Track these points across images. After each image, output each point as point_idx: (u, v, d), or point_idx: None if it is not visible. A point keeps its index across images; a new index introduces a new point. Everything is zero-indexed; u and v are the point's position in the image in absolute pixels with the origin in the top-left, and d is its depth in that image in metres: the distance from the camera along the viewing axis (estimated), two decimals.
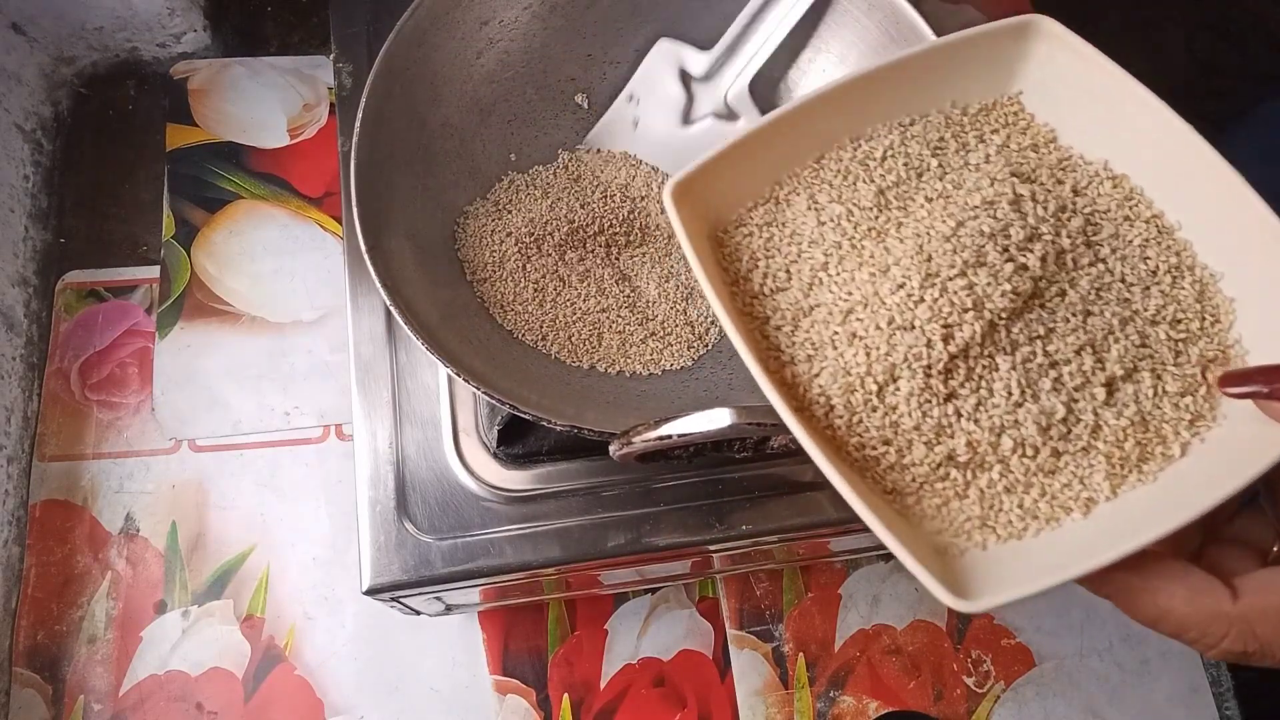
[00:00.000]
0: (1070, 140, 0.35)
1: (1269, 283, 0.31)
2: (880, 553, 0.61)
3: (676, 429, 0.34)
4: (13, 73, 0.67)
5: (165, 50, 0.72)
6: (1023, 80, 0.35)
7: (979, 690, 0.60)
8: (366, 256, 0.41)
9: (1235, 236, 0.31)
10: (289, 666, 0.59)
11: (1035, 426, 0.30)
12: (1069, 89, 0.34)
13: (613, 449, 0.37)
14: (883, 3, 0.46)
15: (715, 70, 0.50)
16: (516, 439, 0.48)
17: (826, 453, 0.29)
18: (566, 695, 0.59)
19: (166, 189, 0.69)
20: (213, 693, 0.58)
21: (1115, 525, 0.29)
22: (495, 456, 0.48)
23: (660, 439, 0.35)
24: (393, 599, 0.49)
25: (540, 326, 0.48)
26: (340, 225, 0.68)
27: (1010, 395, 0.30)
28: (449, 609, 0.55)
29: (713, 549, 0.49)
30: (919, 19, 0.44)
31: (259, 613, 0.60)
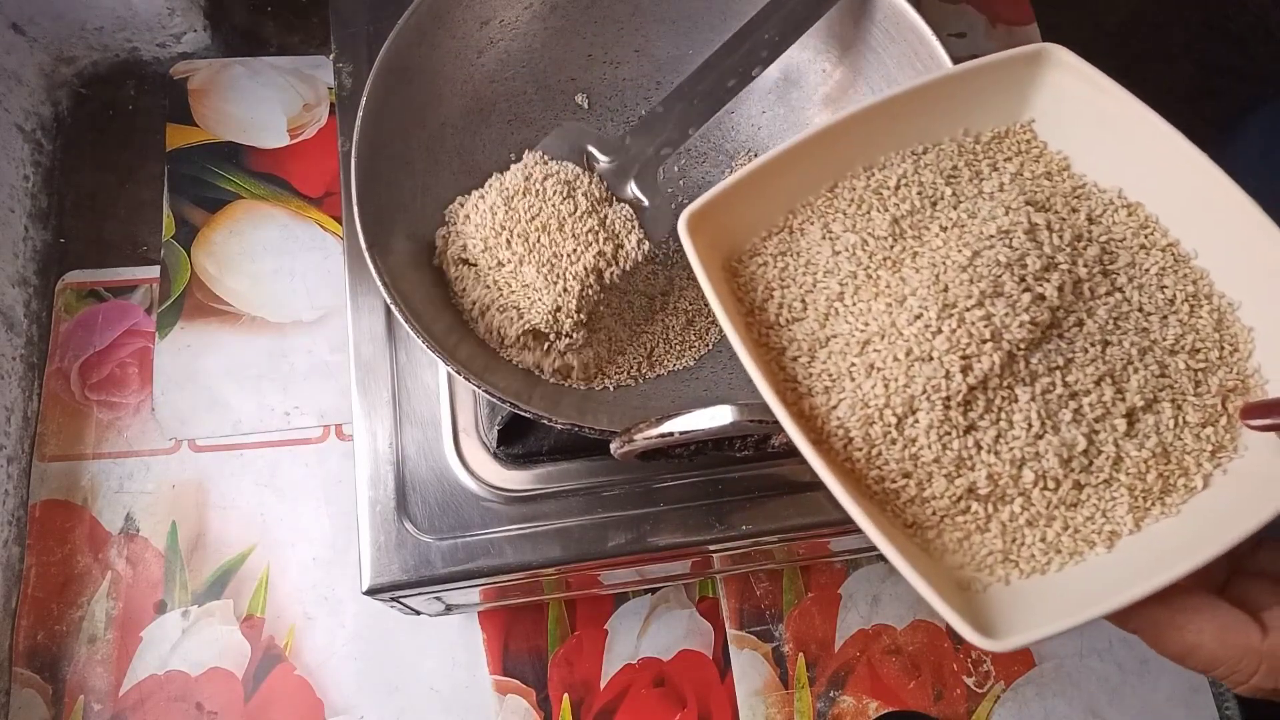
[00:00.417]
0: (1083, 168, 0.35)
1: None
2: (880, 552, 0.61)
3: (678, 426, 0.34)
4: (13, 73, 0.67)
5: (165, 50, 0.72)
6: (1035, 109, 0.35)
7: (979, 690, 0.60)
8: (367, 256, 0.41)
9: (1252, 264, 0.31)
10: (289, 666, 0.59)
11: (1056, 458, 0.30)
12: (1081, 117, 0.34)
13: (614, 446, 0.37)
14: (883, 3, 0.46)
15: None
16: (516, 439, 0.48)
17: (846, 486, 0.29)
18: (566, 695, 0.59)
19: (166, 189, 0.69)
20: (213, 693, 0.58)
21: (1140, 559, 0.29)
22: (495, 456, 0.48)
23: (662, 436, 0.35)
24: (393, 599, 0.48)
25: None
26: (340, 225, 0.68)
27: (1030, 427, 0.30)
28: (449, 609, 0.55)
29: (713, 549, 0.49)
30: (919, 19, 0.44)
31: (259, 613, 0.60)
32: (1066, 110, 0.35)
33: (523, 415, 0.40)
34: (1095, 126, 0.34)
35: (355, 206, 0.42)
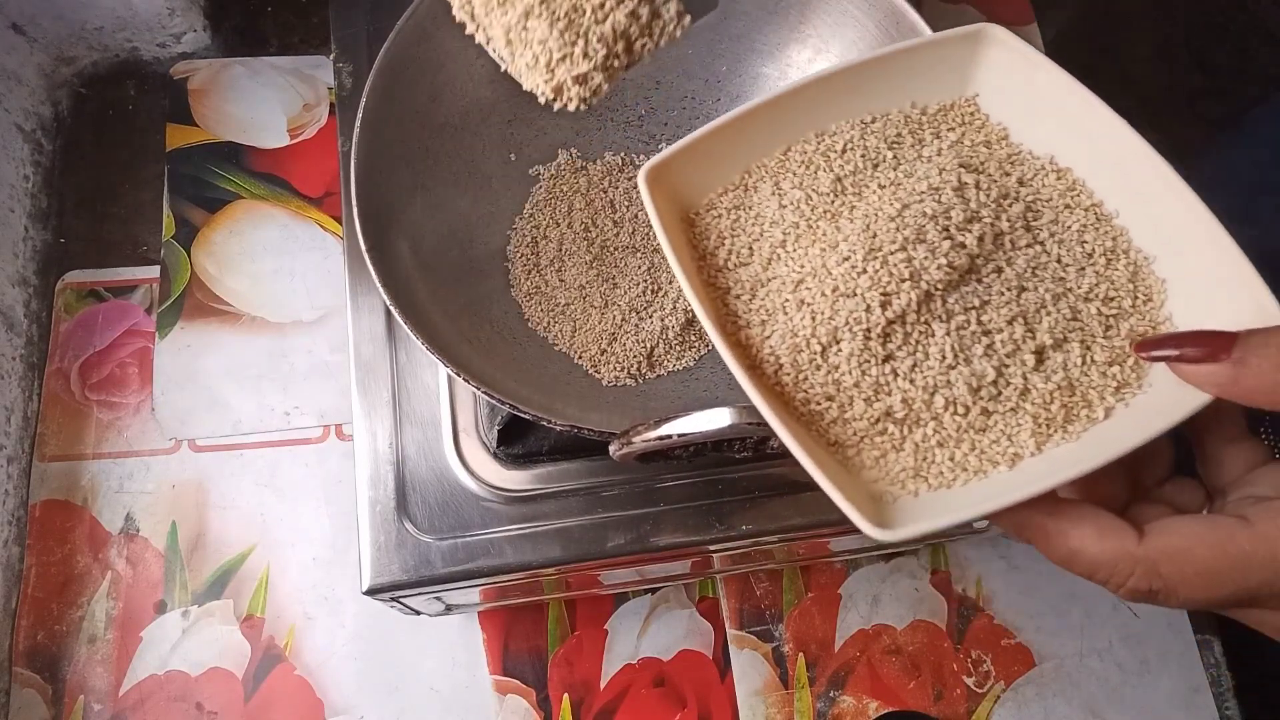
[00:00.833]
0: (1021, 138, 0.38)
1: (1199, 264, 0.33)
2: (880, 552, 0.61)
3: (677, 429, 0.35)
4: (13, 73, 0.67)
5: (165, 50, 0.72)
6: (978, 84, 0.38)
7: (979, 690, 0.60)
8: (366, 256, 0.41)
9: (1167, 222, 0.34)
10: (289, 666, 0.59)
11: (966, 387, 0.32)
12: (1019, 91, 0.37)
13: (613, 449, 0.37)
14: (883, 4, 0.46)
15: None
16: (516, 439, 0.48)
17: (774, 406, 0.32)
18: (566, 695, 0.59)
19: (166, 189, 0.69)
20: (213, 693, 0.58)
21: (1035, 474, 0.31)
22: (495, 456, 0.48)
23: (661, 439, 0.35)
24: (393, 599, 0.49)
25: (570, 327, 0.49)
26: (340, 225, 0.68)
27: (944, 358, 0.33)
28: (449, 609, 0.55)
29: (713, 549, 0.49)
30: (919, 20, 0.44)
31: (259, 613, 0.60)
32: (1006, 85, 0.37)
33: (522, 416, 0.40)
34: (1031, 100, 0.37)
35: (355, 207, 0.42)
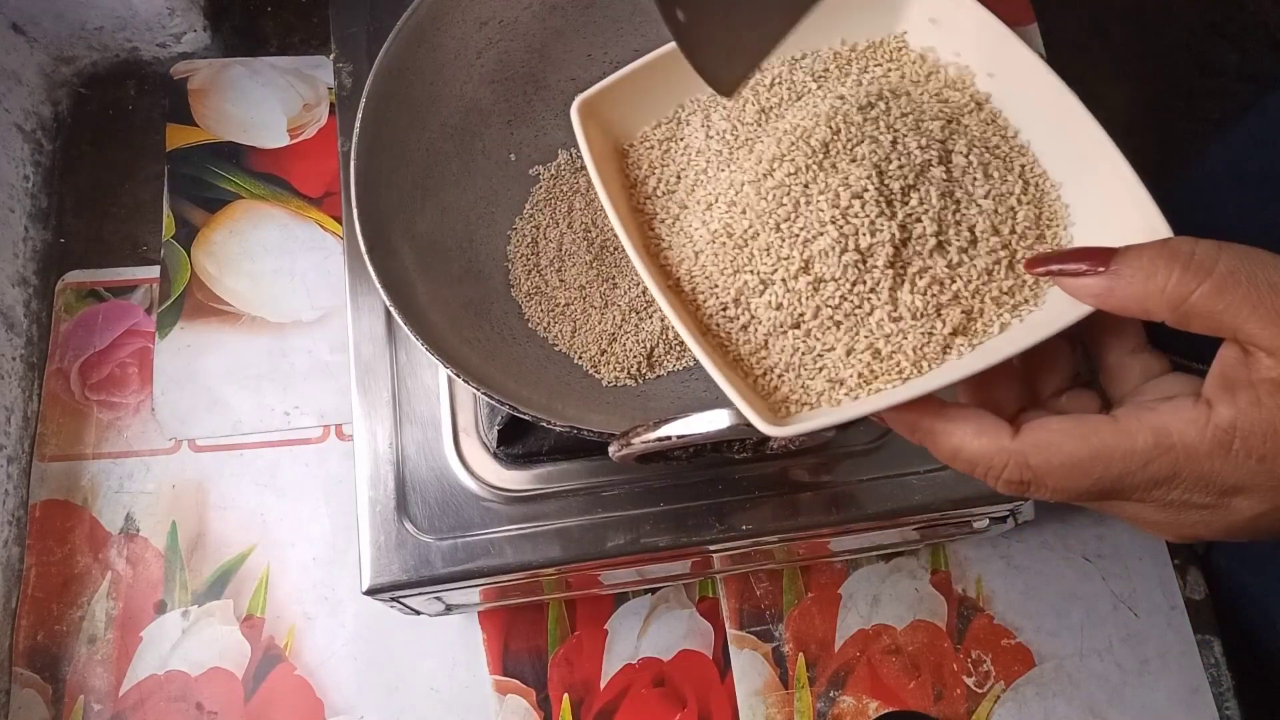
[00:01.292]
0: (944, 73, 0.39)
1: (1100, 190, 0.34)
2: (880, 552, 0.61)
3: (676, 430, 0.35)
4: (13, 73, 0.67)
5: (165, 50, 0.72)
6: (906, 22, 0.39)
7: (979, 690, 0.60)
8: (366, 257, 0.41)
9: (1074, 151, 0.35)
10: (289, 666, 0.59)
11: (864, 305, 0.34)
12: (945, 28, 0.39)
13: (612, 450, 0.37)
14: None
15: None
16: (516, 439, 0.48)
17: (686, 321, 0.34)
18: (566, 695, 0.59)
19: (166, 189, 0.69)
20: (213, 693, 0.58)
21: (930, 383, 0.32)
22: (495, 456, 0.48)
23: (660, 440, 0.35)
24: (393, 599, 0.49)
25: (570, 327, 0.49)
26: (340, 225, 0.68)
27: (844, 276, 0.34)
28: (449, 609, 0.55)
29: (713, 549, 0.49)
30: None
31: (259, 613, 0.60)
32: (933, 22, 0.39)
33: (522, 416, 0.40)
34: (955, 36, 0.38)
35: (355, 207, 0.42)
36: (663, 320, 0.49)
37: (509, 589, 0.53)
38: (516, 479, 0.48)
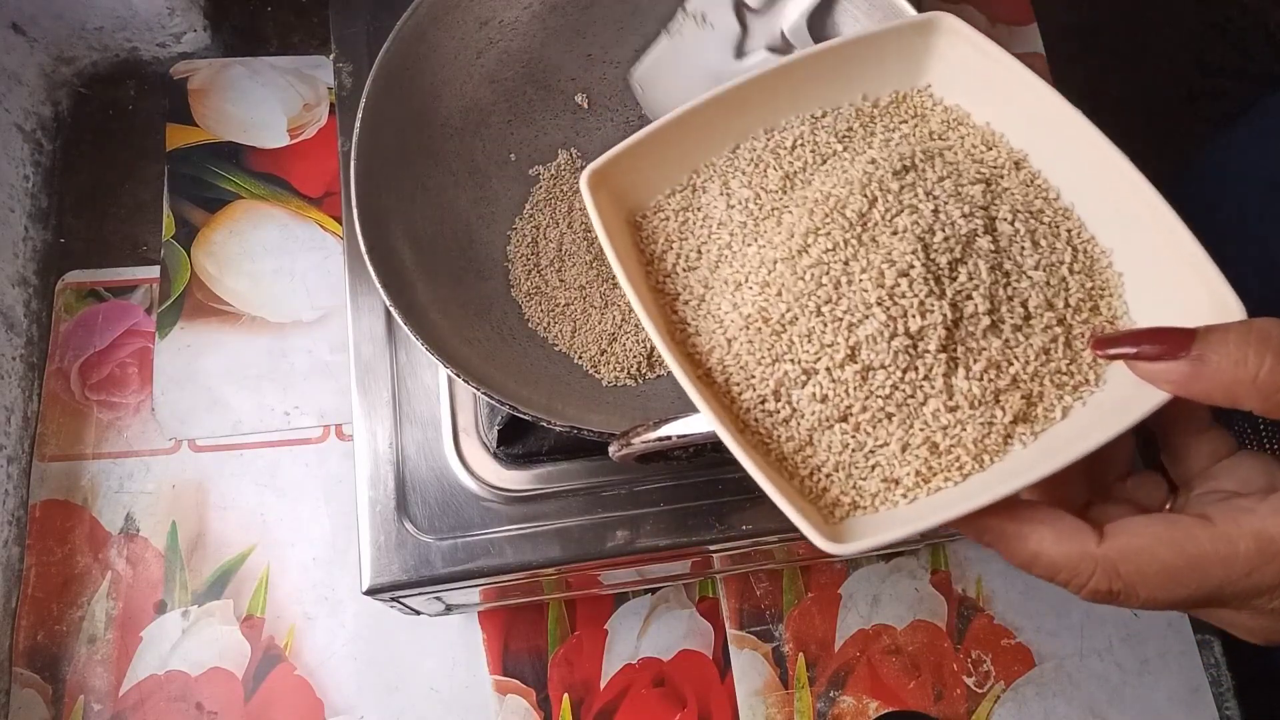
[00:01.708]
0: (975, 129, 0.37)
1: (1155, 257, 0.32)
2: (880, 552, 0.61)
3: (676, 430, 0.34)
4: (13, 73, 0.67)
5: (165, 50, 0.72)
6: (930, 74, 0.37)
7: (979, 690, 0.60)
8: (366, 256, 0.41)
9: (1124, 214, 0.33)
10: (289, 666, 0.59)
11: (919, 392, 0.31)
12: (973, 81, 0.36)
13: (612, 450, 0.37)
14: (883, 4, 0.46)
15: (771, 2, 0.48)
16: (516, 439, 0.48)
17: (723, 418, 0.31)
18: (566, 695, 0.59)
19: (166, 189, 0.69)
20: (213, 693, 0.58)
21: (993, 480, 0.30)
22: (495, 456, 0.48)
23: (660, 440, 0.35)
24: (393, 599, 0.49)
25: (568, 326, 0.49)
26: (340, 225, 0.68)
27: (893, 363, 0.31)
28: (449, 609, 0.55)
29: (713, 549, 0.49)
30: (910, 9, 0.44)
31: (259, 613, 0.60)
32: (959, 75, 0.36)
33: (522, 416, 0.40)
34: (985, 90, 0.36)
35: (355, 207, 0.42)
36: None
37: (509, 589, 0.53)
38: (516, 479, 0.48)
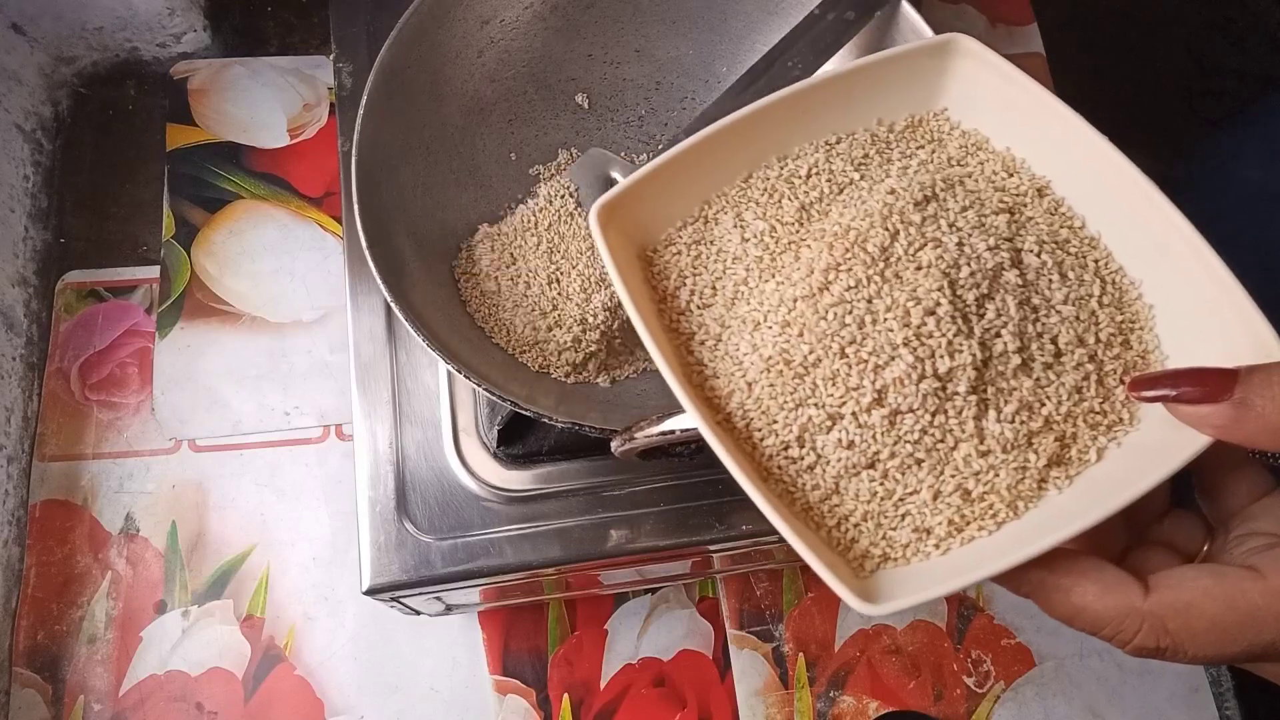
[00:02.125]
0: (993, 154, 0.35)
1: (1187, 290, 0.30)
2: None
3: (679, 424, 0.34)
4: (13, 73, 0.67)
5: (165, 50, 0.72)
6: (947, 97, 0.36)
7: (979, 690, 0.60)
8: (368, 253, 0.41)
9: (1153, 245, 0.31)
10: (289, 666, 0.59)
11: (947, 435, 0.30)
12: (991, 105, 0.35)
13: (615, 445, 0.37)
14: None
15: None
16: (516, 439, 0.48)
17: (745, 468, 0.29)
18: (566, 695, 0.59)
19: (166, 189, 0.69)
20: (213, 693, 0.58)
21: (1031, 528, 0.29)
22: (495, 456, 0.48)
23: (663, 435, 0.35)
24: (393, 599, 0.48)
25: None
26: (340, 225, 0.68)
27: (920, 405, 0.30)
28: (449, 609, 0.55)
29: (713, 549, 0.49)
30: (920, 21, 0.44)
31: (259, 613, 0.60)
32: (976, 98, 0.35)
33: (523, 414, 0.40)
34: (1004, 114, 0.34)
35: (355, 206, 0.42)
36: None
37: (509, 589, 0.53)
38: (516, 479, 0.48)
